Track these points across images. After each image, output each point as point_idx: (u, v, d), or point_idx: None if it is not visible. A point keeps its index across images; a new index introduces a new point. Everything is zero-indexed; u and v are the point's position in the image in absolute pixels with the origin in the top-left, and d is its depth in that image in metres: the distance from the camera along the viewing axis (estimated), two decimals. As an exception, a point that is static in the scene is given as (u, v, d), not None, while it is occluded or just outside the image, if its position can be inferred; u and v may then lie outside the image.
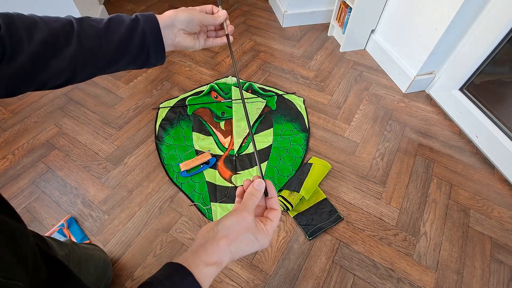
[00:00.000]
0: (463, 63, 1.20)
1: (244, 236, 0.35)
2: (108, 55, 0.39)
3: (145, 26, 0.40)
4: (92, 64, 0.38)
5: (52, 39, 0.35)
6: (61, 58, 0.36)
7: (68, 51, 0.36)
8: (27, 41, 0.34)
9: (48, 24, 0.36)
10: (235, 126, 1.21)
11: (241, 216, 0.35)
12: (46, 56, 0.35)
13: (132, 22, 0.39)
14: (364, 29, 1.55)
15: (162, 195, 1.00)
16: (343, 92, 1.40)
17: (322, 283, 0.83)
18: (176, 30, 0.41)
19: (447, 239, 0.92)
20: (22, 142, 1.14)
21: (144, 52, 0.41)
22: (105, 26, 0.38)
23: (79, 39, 0.37)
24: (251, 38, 1.71)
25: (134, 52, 0.40)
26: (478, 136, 1.17)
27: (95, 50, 0.38)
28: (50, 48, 0.35)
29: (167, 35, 0.41)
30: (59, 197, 0.99)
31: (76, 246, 0.70)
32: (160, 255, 0.87)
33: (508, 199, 1.02)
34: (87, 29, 0.37)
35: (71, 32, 0.37)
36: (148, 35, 0.40)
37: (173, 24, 0.41)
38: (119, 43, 0.39)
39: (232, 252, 0.34)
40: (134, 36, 0.39)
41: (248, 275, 0.84)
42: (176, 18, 0.41)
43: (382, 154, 1.15)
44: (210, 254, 0.33)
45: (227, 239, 0.34)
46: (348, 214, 0.97)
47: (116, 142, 1.15)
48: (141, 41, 0.40)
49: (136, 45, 0.40)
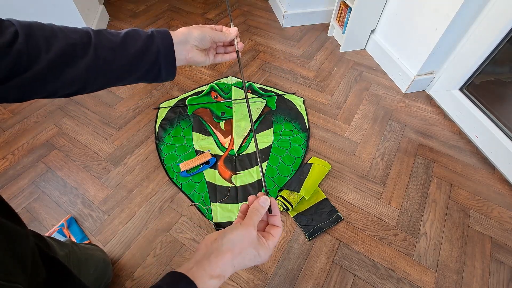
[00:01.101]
0: (463, 63, 1.20)
1: (248, 251, 0.35)
2: (121, 69, 0.39)
3: (159, 43, 0.41)
4: (104, 76, 0.39)
5: (70, 50, 0.36)
6: (76, 68, 0.36)
7: (83, 62, 0.36)
8: (45, 51, 0.34)
9: (66, 34, 0.36)
10: (235, 126, 1.21)
11: (247, 230, 0.36)
12: (61, 66, 0.36)
13: (148, 39, 0.40)
14: (364, 29, 1.55)
15: (162, 195, 1.00)
16: (343, 92, 1.40)
17: (322, 283, 0.83)
18: (189, 46, 0.43)
19: (447, 239, 0.92)
20: (22, 142, 1.14)
21: (156, 68, 0.42)
22: (122, 40, 0.39)
23: (95, 51, 0.37)
24: (251, 38, 1.71)
25: (146, 67, 0.41)
26: (478, 136, 1.17)
27: (109, 63, 0.38)
28: (66, 58, 0.36)
29: (180, 51, 0.42)
30: (59, 197, 0.99)
31: (76, 246, 0.70)
32: (160, 255, 0.87)
33: (508, 199, 1.02)
34: (104, 42, 0.38)
35: (89, 44, 0.37)
36: (162, 52, 0.41)
37: (187, 40, 0.42)
38: (132, 59, 0.40)
39: (235, 265, 0.35)
40: (148, 52, 0.40)
41: (248, 275, 0.84)
42: (190, 35, 0.42)
43: (382, 154, 1.15)
44: (214, 266, 0.33)
45: (231, 253, 0.34)
46: (348, 214, 0.97)
47: (116, 142, 1.15)
48: (154, 57, 0.41)
49: (149, 61, 0.41)
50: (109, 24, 1.78)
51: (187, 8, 1.95)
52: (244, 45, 1.64)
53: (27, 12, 1.38)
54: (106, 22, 1.78)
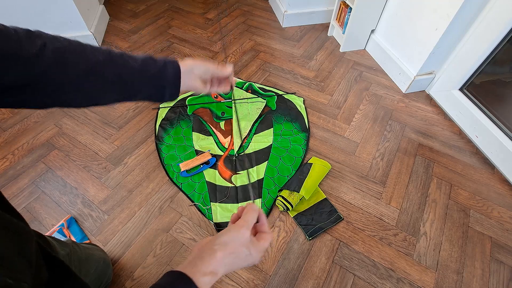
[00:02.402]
0: (463, 63, 1.20)
1: (240, 251, 0.37)
2: (134, 89, 0.44)
3: (171, 72, 0.46)
4: (118, 94, 0.43)
5: (94, 67, 0.39)
6: (95, 84, 0.40)
7: (103, 79, 0.40)
8: (71, 66, 0.37)
9: (92, 52, 0.40)
10: (235, 126, 1.21)
11: (240, 231, 0.37)
12: (83, 80, 0.39)
13: (162, 67, 0.45)
14: (364, 29, 1.55)
15: (162, 195, 1.00)
16: (343, 92, 1.40)
17: (322, 283, 0.83)
18: (193, 75, 0.48)
19: (447, 239, 0.92)
20: (22, 142, 1.14)
21: (161, 92, 0.46)
22: (141, 65, 0.43)
23: (114, 71, 0.41)
24: (251, 38, 1.71)
25: (153, 91, 0.46)
26: (478, 136, 1.17)
27: (126, 84, 0.42)
28: (88, 74, 0.39)
29: (185, 78, 0.47)
30: (59, 197, 0.99)
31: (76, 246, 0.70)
32: (160, 255, 0.87)
33: (508, 199, 1.02)
34: (124, 64, 0.42)
35: (109, 63, 0.41)
36: (170, 81, 0.46)
37: (192, 71, 0.48)
38: (147, 82, 0.44)
39: (227, 264, 0.36)
40: (161, 79, 0.45)
41: (248, 275, 0.84)
42: (195, 66, 0.48)
43: (382, 154, 1.15)
44: (206, 264, 0.35)
45: (223, 252, 0.36)
46: (348, 214, 0.97)
47: (116, 142, 1.15)
48: (162, 85, 0.46)
49: (158, 87, 0.46)
50: (109, 24, 1.78)
51: (187, 8, 1.95)
52: (244, 45, 1.64)
53: (28, 12, 1.38)
54: (106, 22, 1.78)
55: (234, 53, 1.60)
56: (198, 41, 1.67)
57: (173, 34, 1.72)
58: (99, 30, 1.64)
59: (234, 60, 1.55)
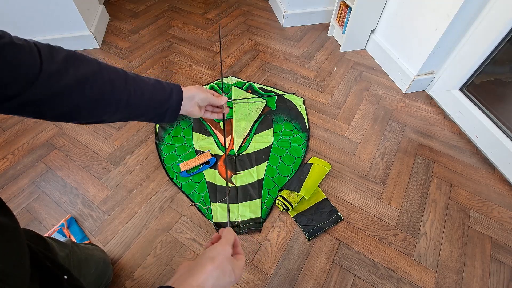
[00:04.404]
0: (463, 63, 1.20)
1: (226, 265, 0.38)
2: (138, 113, 0.47)
3: (174, 100, 0.50)
4: (123, 113, 0.45)
5: (110, 93, 0.42)
6: (109, 105, 0.43)
7: (116, 103, 0.43)
8: (90, 87, 0.39)
9: (108, 72, 0.42)
10: (235, 126, 1.21)
11: (225, 247, 0.40)
12: (98, 102, 0.41)
13: (167, 96, 0.49)
14: (364, 29, 1.55)
15: (162, 195, 1.00)
16: (343, 92, 1.40)
17: (322, 283, 0.83)
18: (193, 102, 0.53)
19: (447, 239, 0.92)
20: (22, 142, 1.14)
21: (161, 117, 0.50)
22: (150, 94, 0.47)
23: (128, 100, 0.44)
24: (251, 38, 1.71)
25: (155, 116, 0.49)
26: (478, 136, 1.16)
27: (134, 106, 0.45)
28: (105, 100, 0.42)
29: (185, 104, 0.52)
30: (59, 197, 0.99)
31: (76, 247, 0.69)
32: (160, 255, 0.87)
33: (508, 199, 1.02)
34: (137, 89, 0.45)
35: (124, 88, 0.44)
36: (172, 108, 0.50)
37: (193, 97, 0.53)
38: (155, 106, 0.48)
39: (214, 278, 0.36)
40: (164, 107, 0.49)
41: (248, 275, 0.84)
42: (196, 94, 0.53)
43: (382, 154, 1.15)
44: (195, 277, 0.35)
45: (212, 264, 0.36)
46: (348, 214, 0.97)
47: (116, 142, 1.15)
48: (165, 111, 0.50)
49: (161, 113, 0.49)
50: (109, 24, 1.78)
51: (187, 8, 1.95)
52: (244, 45, 1.64)
53: (28, 12, 1.38)
54: (106, 22, 1.78)
55: (234, 53, 1.60)
56: (198, 41, 1.67)
57: (173, 34, 1.72)
58: (99, 30, 1.64)
59: (234, 60, 1.55)
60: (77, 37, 1.53)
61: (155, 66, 1.50)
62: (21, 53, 0.33)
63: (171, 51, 1.60)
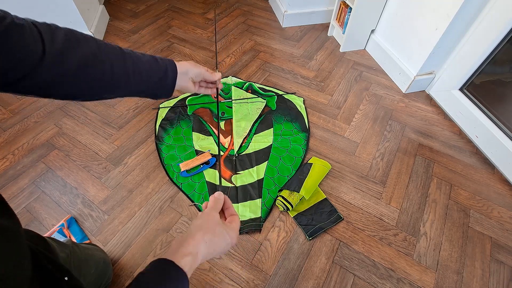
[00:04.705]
0: (463, 63, 1.20)
1: (216, 229, 0.39)
2: (136, 90, 0.48)
3: (169, 76, 0.51)
4: (123, 88, 0.47)
5: (110, 71, 0.43)
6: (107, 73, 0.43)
7: (116, 81, 0.45)
8: (92, 72, 0.41)
9: (108, 54, 0.43)
10: (235, 126, 1.21)
11: (210, 214, 0.41)
12: (100, 84, 0.43)
13: (163, 73, 0.50)
14: (364, 29, 1.55)
15: (162, 195, 1.00)
16: (343, 92, 1.40)
17: (322, 283, 0.83)
18: (187, 77, 0.55)
19: (447, 239, 0.92)
20: (22, 142, 1.14)
21: (158, 92, 0.52)
22: (147, 70, 0.48)
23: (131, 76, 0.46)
24: (251, 38, 1.71)
25: (152, 92, 0.51)
26: (478, 136, 1.17)
27: (132, 85, 0.47)
28: (106, 80, 0.43)
29: (180, 79, 0.53)
30: (59, 197, 0.99)
31: (76, 247, 0.69)
32: (160, 255, 0.86)
33: (508, 199, 1.02)
34: (135, 66, 0.46)
35: (123, 66, 0.45)
36: (168, 84, 0.52)
37: (187, 73, 0.54)
38: (152, 83, 0.49)
39: (207, 242, 0.37)
40: (160, 83, 0.51)
41: (248, 275, 0.84)
42: (190, 70, 0.54)
43: (382, 154, 1.15)
44: (185, 246, 0.36)
45: (201, 231, 0.38)
46: (348, 214, 0.97)
47: (116, 142, 1.15)
48: (161, 87, 0.51)
49: (157, 88, 0.51)
50: (109, 24, 1.78)
51: (187, 8, 1.95)
52: (244, 45, 1.64)
53: (28, 12, 1.38)
54: (106, 22, 1.78)
55: (234, 53, 1.60)
56: (198, 41, 1.67)
57: (173, 34, 1.72)
58: (99, 30, 1.64)
59: (234, 60, 1.55)
60: (77, 37, 1.53)
61: (155, 66, 1.50)
62: (24, 34, 0.33)
63: (171, 51, 1.60)
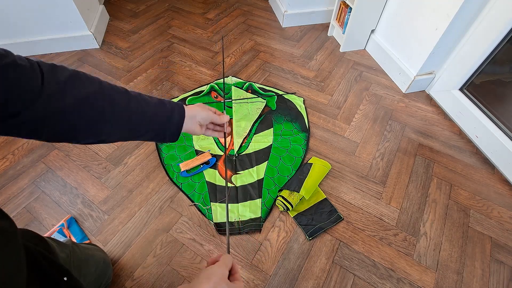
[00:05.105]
0: (463, 63, 1.20)
1: (222, 285, 0.39)
2: (139, 133, 0.47)
3: (175, 120, 0.50)
4: (121, 136, 0.46)
5: (111, 114, 0.42)
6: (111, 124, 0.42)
7: (117, 124, 0.43)
8: (90, 112, 0.40)
9: (113, 96, 0.42)
10: (235, 126, 1.21)
11: (221, 268, 0.40)
12: (98, 125, 0.41)
13: (169, 116, 0.49)
14: (364, 29, 1.55)
15: (162, 195, 1.00)
16: (343, 92, 1.40)
17: (322, 283, 0.83)
18: (195, 120, 0.54)
19: (447, 239, 0.92)
20: (22, 142, 1.14)
21: (162, 136, 0.50)
22: (152, 114, 0.47)
23: (130, 116, 0.44)
24: (251, 38, 1.71)
25: (156, 135, 0.49)
26: (478, 136, 1.17)
27: (134, 128, 0.46)
28: (106, 121, 0.42)
29: (187, 123, 0.52)
30: (59, 197, 0.99)
31: (76, 247, 0.69)
32: (160, 255, 0.87)
33: (508, 199, 1.02)
34: (139, 109, 0.45)
35: (126, 110, 0.44)
36: (174, 128, 0.50)
37: (195, 116, 0.53)
38: (156, 126, 0.48)
39: None
40: (165, 126, 0.49)
41: (248, 275, 0.84)
42: (198, 113, 0.54)
43: (382, 154, 1.15)
44: None
45: (208, 282, 0.38)
46: (348, 214, 0.97)
47: (116, 142, 1.15)
48: (166, 130, 0.50)
49: (162, 132, 0.50)
50: (109, 24, 1.78)
51: (187, 8, 1.95)
52: (244, 45, 1.64)
53: (28, 12, 1.38)
54: (106, 22, 1.78)
55: (234, 53, 1.60)
56: (198, 41, 1.67)
57: (173, 34, 1.72)
58: (99, 30, 1.64)
59: (234, 60, 1.55)
60: (77, 37, 1.53)
61: (155, 66, 1.50)
62: (24, 74, 0.33)
63: (171, 51, 1.60)
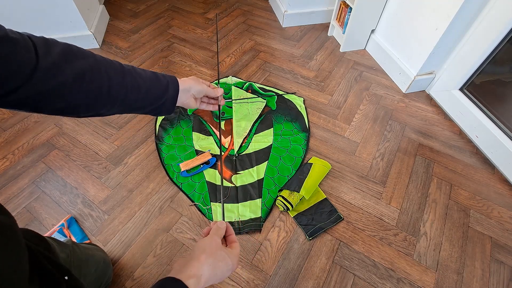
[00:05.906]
0: (463, 63, 1.20)
1: (218, 253, 0.41)
2: (135, 106, 0.47)
3: (171, 93, 0.50)
4: (118, 110, 0.46)
5: (107, 87, 0.42)
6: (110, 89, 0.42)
7: (113, 97, 0.43)
8: (87, 87, 0.40)
9: (108, 70, 0.42)
10: (235, 126, 1.21)
11: (212, 238, 0.42)
12: (95, 99, 0.41)
13: (164, 90, 0.49)
14: (364, 29, 1.55)
15: (162, 195, 1.00)
16: (343, 92, 1.40)
17: (322, 283, 0.83)
18: (189, 94, 0.54)
19: (447, 239, 0.92)
20: (22, 142, 1.14)
21: (158, 109, 0.51)
22: (147, 87, 0.47)
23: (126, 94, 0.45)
24: (251, 38, 1.70)
25: (152, 109, 0.50)
26: (478, 136, 1.17)
27: (130, 102, 0.46)
28: (103, 94, 0.42)
29: (181, 96, 0.52)
30: (59, 197, 0.99)
31: (76, 247, 0.69)
32: (160, 255, 0.87)
33: (508, 199, 1.02)
34: (134, 83, 0.45)
35: (121, 83, 0.44)
36: (169, 101, 0.51)
37: (189, 90, 0.54)
38: (152, 99, 0.48)
39: (210, 264, 0.39)
40: (160, 100, 0.49)
41: (248, 275, 0.84)
42: (192, 87, 0.54)
43: (382, 154, 1.15)
44: (190, 267, 0.38)
45: (205, 254, 0.39)
46: (348, 214, 0.97)
47: (116, 142, 1.15)
48: (162, 104, 0.50)
49: (158, 105, 0.50)
50: (109, 24, 1.78)
51: (187, 7, 1.95)
52: (244, 45, 1.64)
53: (28, 12, 1.38)
54: (106, 22, 1.78)
55: (234, 53, 1.60)
56: (198, 41, 1.67)
57: (173, 34, 1.72)
58: (99, 30, 1.64)
59: (234, 60, 1.55)
60: (77, 37, 1.53)
61: (155, 66, 1.50)
62: (17, 48, 0.32)
63: (171, 51, 1.60)
